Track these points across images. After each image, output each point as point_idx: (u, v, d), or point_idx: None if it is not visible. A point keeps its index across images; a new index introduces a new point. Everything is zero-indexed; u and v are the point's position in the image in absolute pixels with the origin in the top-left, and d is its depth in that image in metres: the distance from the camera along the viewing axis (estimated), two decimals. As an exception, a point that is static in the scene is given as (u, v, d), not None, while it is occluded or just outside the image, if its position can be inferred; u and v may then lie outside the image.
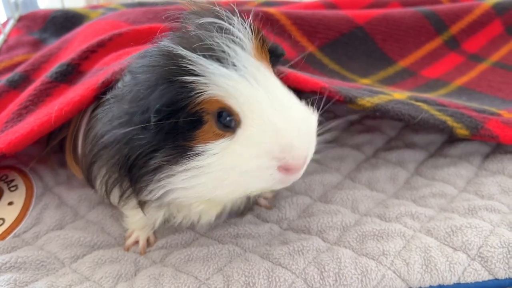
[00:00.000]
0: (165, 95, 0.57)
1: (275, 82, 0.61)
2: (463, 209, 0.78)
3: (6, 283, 0.67)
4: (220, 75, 0.57)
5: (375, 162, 0.93)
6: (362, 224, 0.76)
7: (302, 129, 0.59)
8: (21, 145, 0.76)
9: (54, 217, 0.81)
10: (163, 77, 0.57)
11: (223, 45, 0.58)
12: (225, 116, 0.58)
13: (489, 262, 0.68)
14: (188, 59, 0.57)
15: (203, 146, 0.58)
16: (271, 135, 0.57)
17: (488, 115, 0.90)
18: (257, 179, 0.59)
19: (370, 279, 0.67)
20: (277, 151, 0.57)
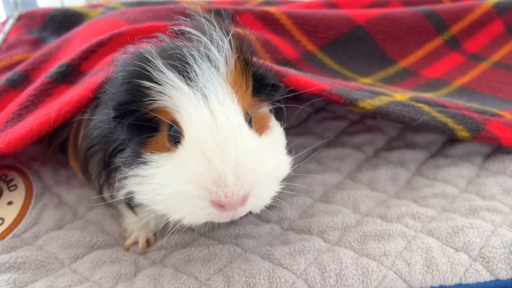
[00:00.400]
0: (122, 94, 0.58)
1: (233, 112, 0.57)
2: (465, 210, 0.78)
3: (5, 283, 0.67)
4: (175, 87, 0.56)
5: (376, 162, 0.92)
6: (363, 225, 0.76)
7: (244, 167, 0.54)
8: (20, 145, 0.76)
9: (53, 217, 0.81)
10: (126, 77, 0.58)
11: (191, 59, 0.57)
12: (174, 130, 0.58)
13: (491, 262, 0.68)
14: (152, 64, 0.56)
15: (150, 156, 0.58)
16: (203, 164, 0.54)
17: (489, 116, 0.90)
18: (188, 207, 0.56)
19: (371, 279, 0.66)
20: (208, 183, 0.54)
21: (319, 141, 0.99)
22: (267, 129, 0.63)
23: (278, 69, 0.79)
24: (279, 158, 0.62)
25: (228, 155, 0.54)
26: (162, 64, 0.56)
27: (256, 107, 0.64)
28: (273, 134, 0.64)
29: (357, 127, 1.04)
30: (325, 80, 0.89)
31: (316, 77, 0.89)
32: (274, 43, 1.08)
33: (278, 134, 0.66)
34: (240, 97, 0.59)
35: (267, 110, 0.66)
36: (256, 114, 0.64)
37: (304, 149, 0.96)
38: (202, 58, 0.57)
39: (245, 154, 0.55)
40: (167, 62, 0.56)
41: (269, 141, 0.62)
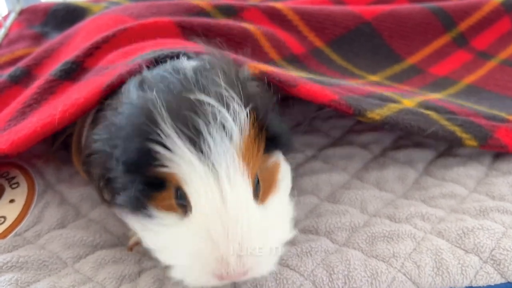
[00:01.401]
0: (129, 154, 0.55)
1: (243, 191, 0.55)
2: (474, 210, 0.76)
3: (7, 283, 0.65)
4: (185, 160, 0.54)
5: (383, 161, 0.91)
6: (371, 225, 0.75)
7: (247, 249, 0.54)
8: (23, 146, 0.75)
9: (56, 216, 0.79)
10: (135, 133, 0.55)
11: (205, 129, 0.53)
12: (181, 196, 0.56)
13: (502, 265, 0.66)
14: (162, 129, 0.53)
15: (157, 212, 0.57)
16: (209, 245, 0.54)
17: (497, 122, 0.89)
18: (189, 276, 0.57)
19: (380, 281, 0.65)
20: (212, 262, 0.54)
21: (325, 139, 0.98)
22: (274, 186, 0.61)
23: (287, 79, 0.78)
24: (281, 229, 0.60)
25: (234, 238, 0.54)
26: (172, 130, 0.53)
27: (266, 162, 0.61)
28: (279, 192, 0.62)
29: (364, 125, 1.03)
30: (334, 85, 0.87)
31: (325, 83, 0.87)
32: (281, 38, 1.06)
33: (284, 187, 0.63)
34: (251, 164, 0.57)
35: (276, 158, 0.63)
36: (265, 170, 0.61)
37: (310, 147, 0.95)
38: (216, 128, 0.54)
39: (250, 236, 0.54)
40: (178, 128, 0.53)
41: (273, 208, 0.60)
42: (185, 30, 0.97)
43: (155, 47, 0.81)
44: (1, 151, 0.74)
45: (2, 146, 0.75)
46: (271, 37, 1.05)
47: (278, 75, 0.78)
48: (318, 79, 0.90)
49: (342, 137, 0.99)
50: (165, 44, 0.85)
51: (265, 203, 0.59)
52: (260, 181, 0.59)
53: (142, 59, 0.73)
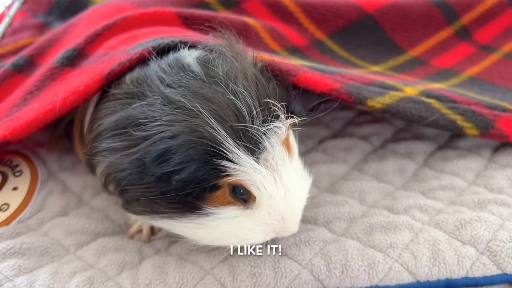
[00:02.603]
0: (196, 171, 0.57)
1: (292, 169, 0.63)
2: (472, 203, 0.77)
3: (10, 268, 0.67)
4: (249, 166, 0.59)
5: (383, 153, 0.91)
6: (369, 216, 0.75)
7: (299, 212, 0.66)
8: (25, 133, 0.76)
9: (58, 203, 0.80)
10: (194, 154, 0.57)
11: (264, 139, 0.59)
12: (240, 190, 0.61)
13: (498, 256, 0.67)
14: (224, 145, 0.57)
15: (213, 208, 0.61)
16: (279, 221, 0.63)
17: (499, 111, 0.89)
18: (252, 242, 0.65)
19: (377, 271, 0.66)
20: (280, 230, 0.64)
21: (326, 131, 0.98)
22: (292, 149, 0.67)
23: (287, 68, 0.78)
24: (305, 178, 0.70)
25: (295, 212, 0.65)
26: (235, 146, 0.57)
27: None
28: (295, 153, 0.69)
29: (365, 117, 1.03)
30: (336, 73, 0.87)
31: (326, 71, 0.87)
32: (281, 31, 1.06)
33: (296, 149, 0.71)
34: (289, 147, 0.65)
35: (290, 132, 0.68)
36: (287, 144, 0.66)
37: (311, 139, 0.96)
38: (272, 136, 0.60)
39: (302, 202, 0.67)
40: (240, 144, 0.58)
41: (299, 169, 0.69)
42: (186, 20, 0.97)
43: (155, 34, 0.81)
44: (4, 137, 0.75)
45: (4, 132, 0.76)
46: (270, 30, 1.05)
47: (279, 64, 0.78)
48: (319, 67, 0.90)
49: (343, 129, 0.99)
50: (166, 32, 0.85)
51: None
52: None
53: (143, 47, 0.73)
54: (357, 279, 0.65)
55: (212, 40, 0.73)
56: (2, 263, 0.68)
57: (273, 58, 0.79)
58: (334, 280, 0.65)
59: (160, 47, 0.72)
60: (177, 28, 0.93)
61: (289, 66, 0.79)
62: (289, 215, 0.63)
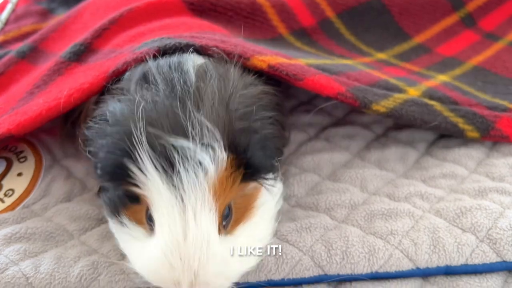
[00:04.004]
0: (108, 164, 0.58)
1: (207, 226, 0.56)
2: (473, 191, 0.77)
3: (16, 253, 0.68)
4: (155, 187, 0.55)
5: (385, 141, 0.92)
6: (370, 203, 0.76)
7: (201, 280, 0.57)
8: (29, 128, 0.77)
9: (62, 189, 0.81)
10: (113, 147, 0.57)
11: (179, 162, 0.54)
12: (150, 216, 0.58)
13: (498, 244, 0.67)
14: (138, 152, 0.54)
15: (128, 222, 0.60)
16: (166, 269, 0.56)
17: (499, 112, 0.90)
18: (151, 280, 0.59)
19: (377, 258, 0.66)
20: (168, 282, 0.57)
21: (328, 118, 0.98)
22: (250, 213, 0.62)
23: (295, 72, 0.79)
24: (248, 258, 0.61)
25: (189, 268, 0.56)
26: (148, 156, 0.54)
27: (243, 191, 0.61)
28: (255, 218, 0.62)
29: (367, 105, 1.03)
30: (341, 74, 0.87)
31: (333, 71, 0.87)
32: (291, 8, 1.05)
33: (263, 212, 0.64)
34: (223, 198, 0.57)
35: (256, 186, 0.63)
36: (241, 198, 0.61)
37: (313, 126, 0.96)
38: (191, 163, 0.54)
39: (206, 269, 0.56)
40: (154, 156, 0.54)
41: (243, 236, 0.61)
42: (192, 6, 0.97)
43: (163, 31, 0.81)
44: (8, 131, 0.76)
45: (9, 126, 0.77)
46: (280, 8, 1.04)
47: (286, 68, 0.78)
48: (326, 66, 0.90)
49: (345, 116, 1.00)
50: (173, 28, 0.85)
51: (233, 232, 0.60)
52: (232, 209, 0.60)
53: (148, 47, 0.74)
54: (357, 265, 0.66)
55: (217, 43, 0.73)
56: (7, 247, 0.69)
57: (281, 61, 0.80)
58: (335, 266, 0.66)
59: (166, 48, 0.72)
60: (184, 19, 0.92)
61: (297, 70, 0.79)
62: (179, 270, 0.56)
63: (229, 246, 0.59)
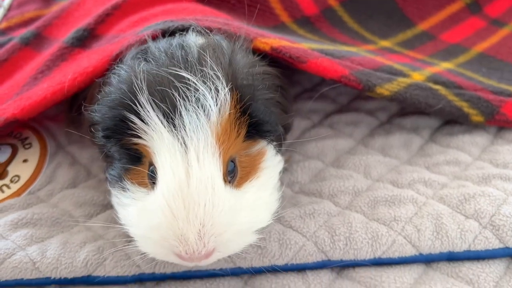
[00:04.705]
0: (108, 120, 0.57)
1: (211, 169, 0.54)
2: (477, 177, 0.77)
3: (23, 238, 0.69)
4: (156, 131, 0.54)
5: (389, 128, 0.91)
6: (374, 190, 0.76)
7: (209, 230, 0.53)
8: (34, 112, 0.77)
9: (67, 176, 0.82)
10: (113, 104, 0.57)
11: (180, 103, 0.53)
12: (152, 171, 0.57)
13: (501, 230, 0.68)
14: (138, 100, 0.54)
15: (130, 185, 0.59)
16: (169, 219, 0.53)
17: (505, 97, 0.89)
18: (152, 250, 0.57)
19: (380, 244, 0.67)
20: (170, 238, 0.53)
21: (332, 105, 0.98)
22: (255, 173, 0.60)
23: (298, 54, 0.78)
24: (256, 214, 0.59)
25: (194, 217, 0.52)
26: (148, 102, 0.53)
27: (248, 149, 0.60)
28: (260, 179, 0.61)
29: (371, 92, 1.03)
30: (345, 58, 0.87)
31: (336, 55, 0.86)
32: None
33: (268, 176, 0.62)
34: (226, 146, 0.56)
35: (261, 147, 0.62)
36: (246, 156, 0.60)
37: (317, 113, 0.96)
38: (193, 104, 0.53)
39: (213, 218, 0.53)
40: (154, 101, 0.53)
41: (250, 193, 0.59)
42: None
43: (165, 16, 0.81)
44: (13, 115, 0.77)
45: (14, 111, 0.77)
46: None
47: (289, 50, 0.78)
48: (329, 51, 0.90)
49: (349, 103, 0.99)
50: (176, 13, 0.84)
51: (240, 188, 0.58)
52: (238, 166, 0.59)
53: (151, 29, 0.74)
54: (360, 251, 0.67)
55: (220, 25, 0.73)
56: (14, 232, 0.70)
57: (284, 44, 0.79)
58: (338, 252, 0.67)
59: (169, 30, 0.72)
60: (187, 4, 0.92)
61: (300, 52, 0.79)
62: (183, 220, 0.52)
63: (236, 198, 0.56)
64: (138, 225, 0.57)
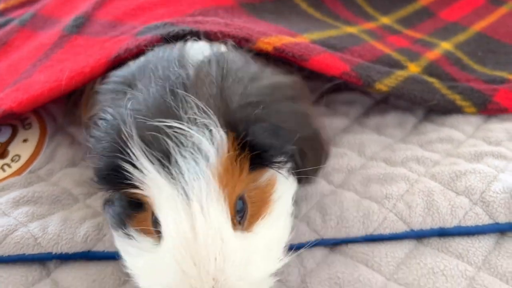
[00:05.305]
0: (101, 168, 0.53)
1: (217, 218, 0.50)
2: (469, 155, 0.78)
3: (24, 215, 0.71)
4: (155, 182, 0.50)
5: (384, 107, 0.92)
6: (367, 168, 0.77)
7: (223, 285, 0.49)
8: (31, 106, 0.78)
9: (67, 155, 0.84)
10: (106, 151, 0.53)
11: (175, 150, 0.49)
12: (156, 220, 0.52)
13: (491, 206, 0.69)
14: (130, 146, 0.50)
15: (135, 233, 0.54)
16: (180, 278, 0.49)
17: (497, 85, 0.91)
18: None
19: (371, 221, 0.68)
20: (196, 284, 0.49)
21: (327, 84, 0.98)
22: (267, 208, 0.56)
23: (301, 53, 0.79)
24: (271, 256, 0.55)
25: (206, 273, 0.49)
26: (140, 150, 0.49)
27: (256, 180, 0.55)
28: (273, 213, 0.56)
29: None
30: (346, 50, 0.88)
31: (338, 48, 0.87)
32: None
33: (280, 208, 0.57)
34: (231, 187, 0.51)
35: (270, 175, 0.57)
36: (255, 189, 0.55)
37: (313, 93, 0.97)
38: (188, 150, 0.49)
39: (226, 272, 0.49)
40: (147, 149, 0.49)
41: (263, 233, 0.54)
42: None
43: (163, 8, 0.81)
44: (10, 108, 0.78)
45: (12, 104, 0.78)
46: None
47: (292, 49, 0.79)
48: (331, 41, 0.90)
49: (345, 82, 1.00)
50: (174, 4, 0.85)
51: (252, 229, 0.54)
52: (248, 203, 0.54)
53: (152, 33, 0.74)
54: (352, 229, 0.68)
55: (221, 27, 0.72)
56: (16, 210, 0.72)
57: (286, 42, 0.79)
58: (330, 230, 0.68)
59: (169, 36, 0.72)
60: None
61: (302, 50, 0.80)
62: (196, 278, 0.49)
63: (248, 244, 0.52)
64: (148, 281, 0.53)
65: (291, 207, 0.60)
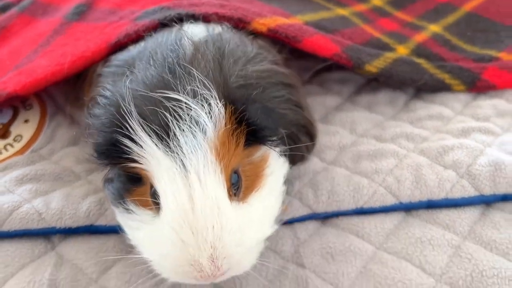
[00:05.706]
0: (103, 143, 0.54)
1: (214, 189, 0.51)
2: (457, 131, 0.81)
3: (28, 192, 0.73)
4: (152, 155, 0.51)
5: (376, 86, 0.94)
6: (358, 145, 0.80)
7: (221, 253, 0.51)
8: (35, 89, 0.81)
9: (67, 135, 0.86)
10: (105, 125, 0.54)
11: (173, 124, 0.50)
12: (155, 192, 0.54)
13: (476, 179, 0.71)
14: (128, 121, 0.51)
15: (134, 207, 0.56)
16: (179, 247, 0.51)
17: (486, 63, 0.93)
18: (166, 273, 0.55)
19: (361, 194, 0.70)
20: (184, 264, 0.52)
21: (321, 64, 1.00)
22: (260, 182, 0.58)
23: (294, 34, 0.81)
24: (264, 225, 0.57)
25: (204, 241, 0.51)
26: (139, 125, 0.50)
27: (250, 156, 0.58)
28: (265, 187, 0.58)
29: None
30: (337, 32, 0.90)
31: (329, 29, 0.89)
32: None
33: (273, 183, 0.60)
34: (227, 160, 0.53)
35: (264, 152, 0.59)
36: (249, 164, 0.57)
37: (307, 71, 0.99)
38: (187, 123, 0.50)
39: (223, 238, 0.51)
40: (145, 123, 0.50)
41: (257, 204, 0.57)
42: None
43: None
44: (14, 91, 0.80)
45: (16, 87, 0.81)
46: None
47: (285, 30, 0.80)
48: (323, 23, 0.92)
49: (337, 63, 1.01)
50: None
51: (246, 200, 0.56)
52: (242, 176, 0.56)
53: (149, 18, 0.76)
54: (343, 202, 0.70)
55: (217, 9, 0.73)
56: (20, 187, 0.74)
57: (280, 23, 0.81)
58: (321, 205, 0.70)
59: (166, 20, 0.74)
60: None
61: (296, 31, 0.81)
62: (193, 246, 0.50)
63: (243, 214, 0.54)
64: (149, 252, 0.55)
65: (283, 184, 0.62)
